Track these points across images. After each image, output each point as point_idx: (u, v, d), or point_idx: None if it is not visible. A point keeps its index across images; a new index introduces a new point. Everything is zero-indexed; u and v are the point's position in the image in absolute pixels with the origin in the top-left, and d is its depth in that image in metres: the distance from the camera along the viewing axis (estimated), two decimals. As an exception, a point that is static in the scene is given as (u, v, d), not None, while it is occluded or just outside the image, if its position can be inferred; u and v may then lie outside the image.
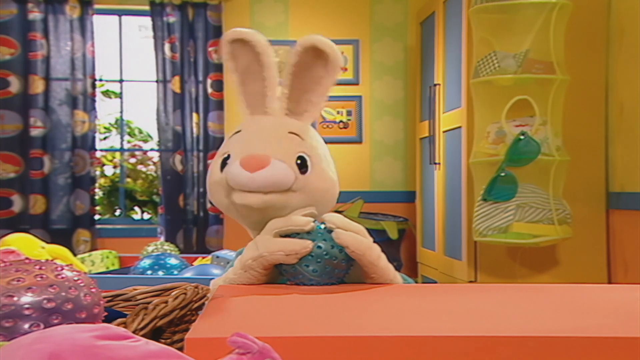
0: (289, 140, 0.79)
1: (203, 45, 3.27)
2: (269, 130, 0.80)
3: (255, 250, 0.76)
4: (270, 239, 0.76)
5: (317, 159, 0.81)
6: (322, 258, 0.75)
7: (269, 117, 0.82)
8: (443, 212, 2.71)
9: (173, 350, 0.40)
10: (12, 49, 3.15)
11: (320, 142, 0.84)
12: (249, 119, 0.84)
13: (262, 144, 0.78)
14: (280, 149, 0.78)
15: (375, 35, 3.42)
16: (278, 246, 0.74)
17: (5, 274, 0.48)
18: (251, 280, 0.78)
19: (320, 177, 0.80)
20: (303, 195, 0.79)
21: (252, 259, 0.76)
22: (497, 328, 0.52)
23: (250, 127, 0.83)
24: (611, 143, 2.33)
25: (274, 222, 0.77)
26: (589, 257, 2.30)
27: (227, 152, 0.81)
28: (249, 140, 0.80)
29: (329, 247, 0.75)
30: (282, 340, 0.48)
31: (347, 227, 0.76)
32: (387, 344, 0.48)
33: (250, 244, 0.80)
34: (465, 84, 2.40)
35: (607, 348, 0.48)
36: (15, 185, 3.16)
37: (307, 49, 0.78)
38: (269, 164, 0.75)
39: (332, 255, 0.76)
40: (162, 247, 2.05)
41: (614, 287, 0.76)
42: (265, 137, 0.79)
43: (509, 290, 0.73)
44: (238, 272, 0.78)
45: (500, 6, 2.18)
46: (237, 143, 0.81)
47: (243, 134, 0.82)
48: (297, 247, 0.73)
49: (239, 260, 0.79)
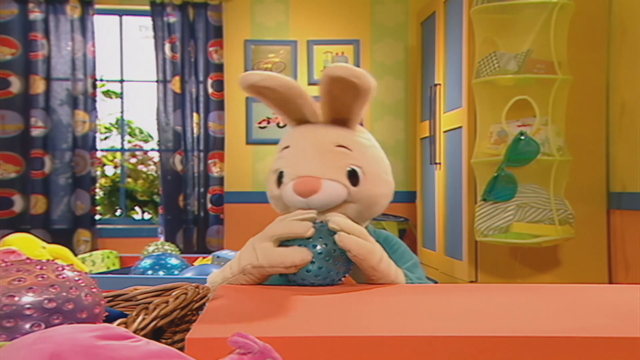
0: (337, 155, 0.80)
1: (203, 45, 3.27)
2: (317, 147, 0.81)
3: (255, 259, 0.75)
4: (270, 249, 0.75)
5: (369, 167, 0.81)
6: (323, 260, 0.74)
7: (314, 127, 0.83)
8: (444, 212, 2.71)
9: (174, 350, 0.40)
10: (13, 49, 3.16)
11: (370, 147, 0.84)
12: (295, 131, 0.85)
13: (312, 163, 0.79)
14: (329, 167, 0.79)
15: (375, 35, 3.42)
16: (278, 260, 0.74)
17: (7, 274, 0.48)
18: (248, 282, 0.78)
19: (373, 184, 0.81)
20: (358, 205, 0.81)
21: (252, 266, 0.76)
22: (498, 328, 0.52)
23: (298, 142, 0.83)
24: (612, 143, 2.33)
25: (273, 228, 0.77)
26: (590, 257, 2.30)
27: (279, 169, 0.83)
28: (298, 159, 0.81)
29: (330, 249, 0.75)
30: (282, 340, 0.48)
31: (350, 229, 0.76)
32: (387, 344, 0.48)
33: (249, 245, 0.79)
34: (466, 84, 2.40)
35: (608, 348, 0.48)
36: (16, 185, 3.16)
37: (334, 78, 0.76)
38: (321, 188, 0.77)
39: (333, 257, 0.75)
40: (162, 247, 2.05)
41: (614, 287, 0.76)
42: (313, 155, 0.80)
43: (510, 290, 0.73)
44: (237, 275, 0.78)
45: (501, 6, 2.18)
46: (288, 161, 0.82)
47: (292, 150, 0.83)
48: (297, 259, 0.73)
49: (237, 262, 0.78)
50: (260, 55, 3.36)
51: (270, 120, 3.38)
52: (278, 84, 0.81)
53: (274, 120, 3.38)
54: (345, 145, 0.81)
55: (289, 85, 0.82)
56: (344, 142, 0.81)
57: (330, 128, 0.82)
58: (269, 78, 0.81)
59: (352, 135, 0.83)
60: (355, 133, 0.84)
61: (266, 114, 3.39)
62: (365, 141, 0.84)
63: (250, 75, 0.81)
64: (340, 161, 0.79)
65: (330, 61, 3.38)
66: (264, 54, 3.37)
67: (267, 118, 3.38)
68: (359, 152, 0.81)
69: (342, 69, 0.75)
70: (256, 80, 0.80)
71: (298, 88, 0.83)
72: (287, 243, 0.76)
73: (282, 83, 0.81)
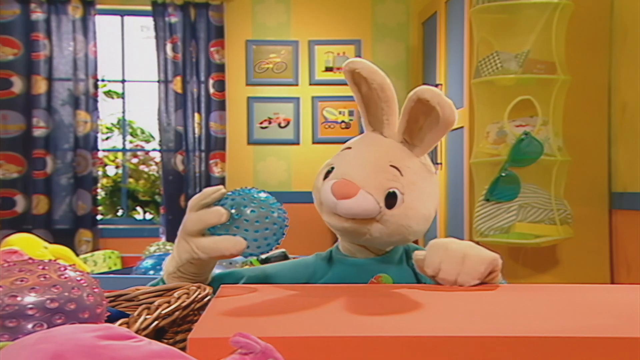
0: (387, 173, 0.79)
1: (205, 46, 3.27)
2: (373, 159, 0.80)
3: (194, 252, 0.73)
4: (202, 242, 0.72)
5: (411, 196, 0.80)
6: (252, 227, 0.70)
7: (381, 140, 0.83)
8: (445, 212, 2.71)
9: (176, 350, 0.40)
10: (15, 49, 3.16)
11: (423, 178, 0.82)
12: (364, 137, 0.85)
13: (359, 172, 0.79)
14: (373, 181, 0.78)
15: (377, 35, 3.42)
16: (215, 252, 0.71)
17: (9, 274, 0.48)
18: (199, 268, 0.76)
19: (407, 214, 0.80)
20: (385, 227, 0.80)
21: (194, 258, 0.74)
22: (499, 328, 0.52)
23: (359, 148, 0.83)
24: (614, 143, 2.32)
25: (190, 222, 0.73)
26: (591, 258, 2.30)
27: (332, 164, 0.83)
28: (350, 164, 0.81)
29: (255, 215, 0.70)
30: (284, 340, 0.48)
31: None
32: (389, 344, 0.48)
33: (181, 239, 0.76)
34: (467, 84, 2.40)
35: (609, 348, 0.48)
36: (18, 186, 3.17)
37: (421, 100, 0.75)
38: (355, 196, 0.77)
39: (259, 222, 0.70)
40: (164, 247, 2.06)
41: (616, 288, 0.76)
42: (365, 165, 0.80)
43: (511, 290, 0.73)
44: (184, 264, 0.76)
45: (502, 6, 2.18)
46: (342, 161, 0.82)
47: (350, 153, 0.83)
48: (234, 250, 0.70)
49: (178, 255, 0.76)
50: (262, 55, 3.37)
51: (271, 121, 3.38)
52: (375, 78, 0.80)
53: (275, 121, 3.38)
54: (399, 168, 0.80)
55: (384, 86, 0.81)
56: (399, 165, 0.80)
57: (395, 146, 0.82)
58: (370, 70, 0.80)
59: (411, 161, 0.81)
60: (416, 161, 0.82)
61: (267, 114, 3.39)
62: (422, 173, 0.83)
63: (354, 61, 0.80)
64: (385, 181, 0.79)
65: (332, 61, 3.38)
66: (265, 54, 3.37)
67: (268, 118, 3.38)
68: (408, 180, 0.80)
69: (430, 92, 0.75)
70: (357, 67, 0.80)
71: (391, 93, 0.82)
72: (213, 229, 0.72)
73: (379, 80, 0.80)
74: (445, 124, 0.76)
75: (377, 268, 0.85)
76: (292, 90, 3.38)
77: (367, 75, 0.80)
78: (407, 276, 0.87)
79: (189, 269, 0.76)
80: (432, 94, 0.75)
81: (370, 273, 0.85)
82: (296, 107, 3.38)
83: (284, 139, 3.37)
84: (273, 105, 3.38)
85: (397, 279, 0.86)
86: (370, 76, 0.80)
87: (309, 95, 3.38)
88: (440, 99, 0.75)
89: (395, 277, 0.85)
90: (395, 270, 0.86)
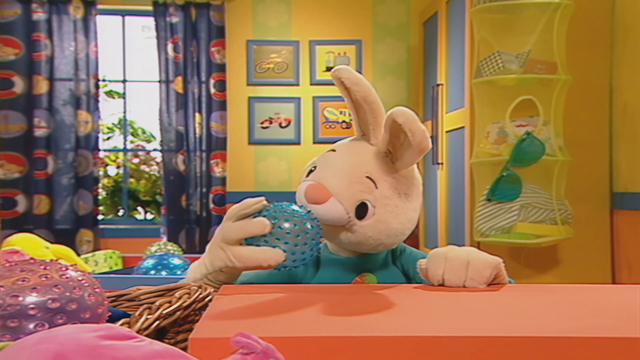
0: (361, 185, 0.79)
1: (206, 46, 3.27)
2: (350, 167, 0.81)
3: (229, 261, 0.73)
4: (240, 251, 0.72)
5: (383, 209, 0.80)
6: (293, 239, 0.71)
7: (365, 148, 0.83)
8: (446, 212, 2.70)
9: (177, 350, 0.40)
10: (17, 49, 3.17)
11: (399, 192, 0.81)
12: (350, 142, 0.86)
13: (334, 179, 0.80)
14: (346, 190, 0.79)
15: (378, 35, 3.42)
16: (252, 262, 0.71)
17: (11, 274, 0.48)
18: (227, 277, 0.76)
19: (377, 227, 0.80)
20: (353, 236, 0.80)
21: (228, 267, 0.73)
22: (500, 328, 0.52)
23: (342, 153, 0.84)
24: (615, 143, 2.32)
25: (232, 231, 0.73)
26: (592, 258, 2.30)
27: (315, 164, 0.85)
28: (329, 169, 0.82)
29: (298, 228, 0.71)
30: (285, 340, 0.48)
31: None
32: (391, 344, 0.48)
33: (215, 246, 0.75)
34: (468, 84, 2.40)
35: (611, 349, 0.48)
36: (20, 186, 3.17)
37: (394, 121, 0.75)
38: (326, 202, 0.78)
39: (301, 235, 0.71)
40: (165, 247, 2.06)
41: (617, 288, 0.76)
42: (341, 173, 0.80)
43: (511, 290, 0.73)
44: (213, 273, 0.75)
45: (503, 6, 2.17)
46: (323, 164, 0.84)
47: (332, 157, 0.84)
48: (272, 261, 0.70)
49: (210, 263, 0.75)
50: (263, 55, 3.37)
51: (272, 121, 3.38)
52: (358, 90, 0.80)
53: (276, 121, 3.38)
54: (375, 180, 0.80)
55: (368, 99, 0.81)
56: (375, 177, 0.80)
57: (377, 157, 0.81)
58: (353, 81, 0.80)
59: (389, 175, 0.81)
60: (396, 175, 0.81)
61: (268, 114, 3.39)
62: (400, 187, 0.82)
63: (340, 69, 0.80)
64: (357, 192, 0.79)
65: (333, 61, 3.38)
66: (266, 54, 3.37)
67: (269, 118, 3.38)
68: (382, 194, 0.79)
69: (403, 117, 0.74)
70: (342, 76, 0.80)
71: (376, 106, 0.82)
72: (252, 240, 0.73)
73: (362, 92, 0.80)
74: (418, 150, 0.75)
75: (363, 267, 0.85)
76: (293, 90, 3.38)
77: (350, 87, 0.80)
78: (394, 275, 0.87)
79: (219, 277, 0.76)
80: (405, 118, 0.74)
81: (355, 272, 0.85)
82: (297, 107, 3.38)
83: (285, 139, 3.37)
84: (274, 105, 3.38)
85: (383, 277, 0.85)
86: (353, 88, 0.80)
87: (309, 95, 3.38)
88: (412, 125, 0.74)
89: (380, 276, 0.85)
90: (381, 269, 0.86)
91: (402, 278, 0.88)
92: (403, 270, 0.88)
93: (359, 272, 0.85)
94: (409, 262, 0.87)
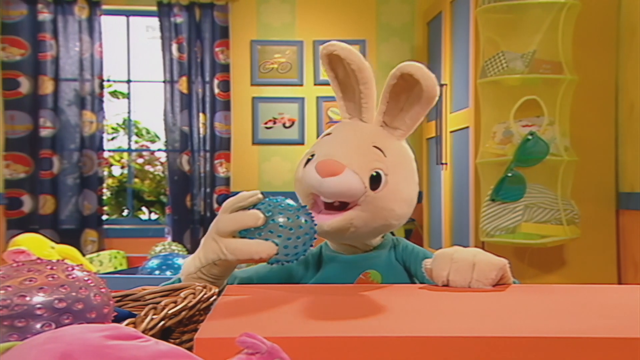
0: (371, 154, 0.79)
1: (210, 46, 3.28)
2: (355, 140, 0.80)
3: (222, 253, 0.71)
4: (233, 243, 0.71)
5: (395, 178, 0.79)
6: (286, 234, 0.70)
7: (361, 123, 0.82)
8: (450, 212, 2.70)
9: (182, 350, 0.40)
10: (23, 50, 3.18)
11: (406, 161, 0.82)
12: (343, 123, 0.84)
13: (343, 151, 0.78)
14: (358, 161, 0.77)
15: (381, 35, 3.41)
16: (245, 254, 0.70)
17: (18, 274, 0.49)
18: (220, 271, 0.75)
19: (390, 196, 0.79)
20: (367, 213, 0.78)
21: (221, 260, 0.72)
22: (504, 329, 0.52)
23: (340, 132, 0.82)
24: (621, 143, 2.31)
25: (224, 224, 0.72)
26: (598, 258, 2.29)
27: (313, 152, 0.82)
28: (333, 146, 0.80)
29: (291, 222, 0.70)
30: (290, 340, 0.48)
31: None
32: (397, 344, 0.48)
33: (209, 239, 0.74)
34: (472, 84, 2.39)
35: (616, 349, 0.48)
36: (25, 186, 3.19)
37: (404, 75, 0.76)
38: (341, 173, 0.74)
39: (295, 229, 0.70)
40: (169, 247, 2.06)
41: (623, 288, 0.76)
42: (348, 146, 0.79)
43: (516, 290, 0.73)
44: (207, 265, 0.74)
45: (508, 6, 2.17)
46: (323, 146, 0.81)
47: (331, 138, 0.82)
48: (264, 254, 0.69)
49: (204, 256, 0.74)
50: (266, 55, 3.37)
51: (276, 121, 3.39)
52: (353, 59, 0.79)
53: (280, 121, 3.38)
54: (382, 149, 0.79)
55: (362, 67, 0.80)
56: (382, 146, 0.79)
57: (376, 129, 0.81)
58: (347, 50, 0.80)
59: (394, 143, 0.81)
60: (398, 144, 0.82)
61: (272, 114, 3.39)
62: (404, 155, 0.82)
63: (331, 43, 0.80)
64: (370, 161, 0.78)
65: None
66: (270, 54, 3.37)
67: (273, 118, 3.39)
68: (392, 162, 0.79)
69: (413, 66, 0.75)
70: (334, 49, 0.79)
71: (369, 74, 0.81)
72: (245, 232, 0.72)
73: (357, 61, 0.79)
74: (428, 98, 0.76)
75: (366, 264, 0.84)
76: (296, 91, 3.38)
77: (344, 56, 0.79)
78: (397, 272, 0.86)
79: (212, 271, 0.75)
80: (415, 67, 0.75)
81: (359, 269, 0.84)
82: (301, 107, 3.38)
83: (289, 139, 3.37)
84: (278, 106, 3.38)
85: (386, 274, 0.85)
86: (348, 56, 0.79)
87: (313, 95, 3.38)
88: (423, 72, 0.75)
89: (384, 273, 0.85)
90: (384, 265, 0.85)
91: (405, 274, 0.87)
92: (405, 267, 0.87)
93: (362, 269, 0.84)
94: (412, 259, 0.87)
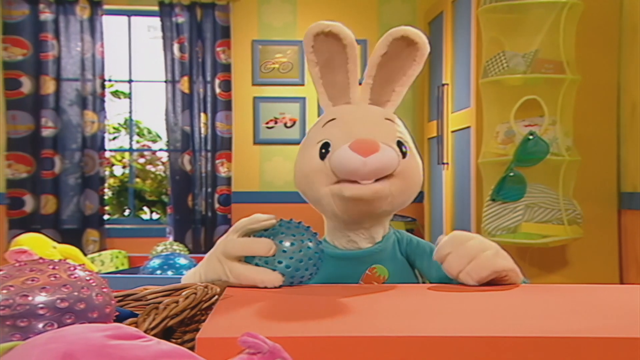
0: (388, 126, 0.80)
1: (211, 46, 3.28)
2: (369, 116, 0.80)
3: (225, 275, 0.71)
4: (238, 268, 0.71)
5: (410, 145, 0.82)
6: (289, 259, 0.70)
7: (359, 104, 0.83)
8: (451, 212, 2.70)
9: (184, 349, 0.40)
10: (24, 50, 3.19)
11: (407, 129, 0.85)
12: (338, 109, 0.83)
13: (367, 129, 0.77)
14: (383, 133, 0.78)
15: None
16: (249, 281, 0.70)
17: (20, 273, 0.49)
18: None
19: (414, 162, 0.81)
20: (402, 181, 0.78)
21: (222, 280, 0.72)
22: (505, 328, 0.52)
23: (345, 115, 0.81)
24: (623, 143, 2.31)
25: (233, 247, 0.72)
26: (600, 258, 2.28)
27: (324, 139, 0.78)
28: (351, 126, 0.78)
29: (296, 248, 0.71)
30: (292, 340, 0.48)
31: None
32: (400, 344, 0.48)
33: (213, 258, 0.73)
34: (474, 84, 2.39)
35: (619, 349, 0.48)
36: (27, 186, 3.19)
37: (398, 39, 0.79)
38: (380, 148, 0.73)
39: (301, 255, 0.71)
40: (171, 247, 2.06)
41: (625, 288, 0.76)
42: (367, 123, 0.79)
43: (518, 290, 0.73)
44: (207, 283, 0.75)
45: (510, 6, 2.17)
46: (337, 130, 0.78)
47: (340, 121, 0.80)
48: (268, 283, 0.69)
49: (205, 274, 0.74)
50: (268, 55, 3.37)
51: (277, 121, 3.39)
52: (348, 34, 0.80)
53: (281, 121, 3.38)
54: (392, 120, 0.82)
55: (354, 44, 0.81)
56: (390, 117, 0.82)
57: (374, 106, 0.83)
58: (338, 26, 0.80)
59: (394, 115, 0.84)
60: (394, 115, 0.85)
61: (273, 114, 3.39)
62: (402, 123, 0.86)
63: (322, 22, 0.80)
64: (390, 132, 0.79)
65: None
66: (272, 54, 3.37)
67: (274, 118, 3.39)
68: (402, 129, 0.83)
69: (407, 29, 0.79)
70: (328, 26, 0.79)
71: (355, 51, 0.82)
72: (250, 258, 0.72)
73: (348, 36, 0.80)
74: (423, 56, 0.80)
75: (371, 259, 0.84)
76: (298, 90, 3.38)
77: (338, 32, 0.79)
78: (402, 266, 0.86)
79: None
80: (406, 29, 0.80)
81: (364, 265, 0.84)
82: (302, 107, 3.38)
83: (290, 139, 3.37)
84: (279, 105, 3.38)
85: (392, 269, 0.84)
86: (342, 32, 0.80)
87: (315, 95, 3.36)
88: (419, 33, 0.80)
89: (390, 268, 0.84)
90: (390, 260, 0.85)
91: (408, 267, 0.86)
92: (408, 261, 0.87)
93: (368, 265, 0.84)
94: (417, 253, 0.86)
